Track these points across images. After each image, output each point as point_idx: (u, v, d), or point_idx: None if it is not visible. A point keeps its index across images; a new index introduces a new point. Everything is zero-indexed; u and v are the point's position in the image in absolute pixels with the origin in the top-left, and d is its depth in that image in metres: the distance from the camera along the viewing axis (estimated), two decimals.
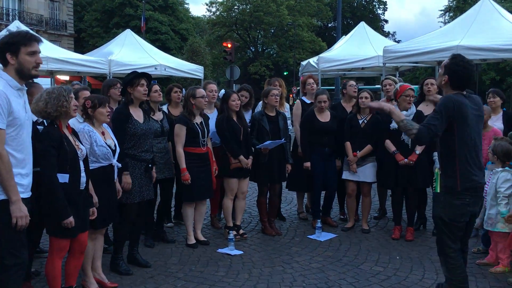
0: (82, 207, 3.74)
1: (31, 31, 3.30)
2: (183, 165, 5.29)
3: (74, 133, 3.84)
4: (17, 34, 3.15)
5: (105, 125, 4.36)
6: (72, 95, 3.65)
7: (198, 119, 5.44)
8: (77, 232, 3.68)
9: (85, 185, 3.77)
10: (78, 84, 7.41)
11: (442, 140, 3.67)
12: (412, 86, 5.89)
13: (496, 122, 5.79)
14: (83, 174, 3.73)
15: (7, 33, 3.20)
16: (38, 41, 3.19)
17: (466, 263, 3.99)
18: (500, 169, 4.81)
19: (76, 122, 3.95)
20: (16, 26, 11.21)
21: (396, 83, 6.48)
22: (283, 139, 5.89)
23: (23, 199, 3.13)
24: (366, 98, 6.01)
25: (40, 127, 4.10)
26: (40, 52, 3.21)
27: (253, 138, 5.86)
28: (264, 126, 5.89)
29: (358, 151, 6.02)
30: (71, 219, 3.52)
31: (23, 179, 3.15)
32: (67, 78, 19.74)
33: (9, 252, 3.09)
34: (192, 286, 4.45)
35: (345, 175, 6.18)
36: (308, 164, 6.12)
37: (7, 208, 3.04)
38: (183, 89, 6.21)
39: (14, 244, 3.10)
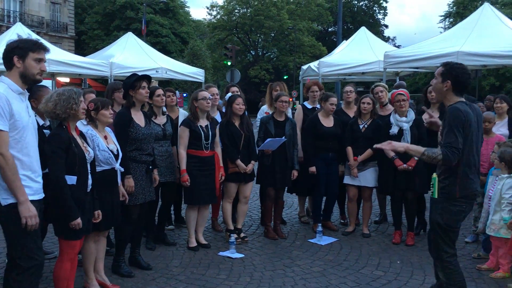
0: (88, 209, 3.76)
1: (40, 41, 3.36)
2: (183, 166, 5.31)
3: (82, 135, 3.86)
4: (28, 41, 3.23)
5: (108, 129, 4.38)
6: (82, 98, 3.68)
7: (203, 122, 5.45)
8: (83, 234, 3.69)
9: (91, 187, 3.78)
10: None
11: None
12: (401, 90, 5.90)
13: (501, 128, 5.82)
14: (89, 176, 3.75)
15: (17, 38, 3.29)
16: (46, 50, 3.27)
17: None
18: (506, 175, 4.81)
19: (80, 125, 3.97)
20: (19, 30, 11.23)
21: (386, 88, 6.50)
22: (283, 138, 5.87)
23: (35, 201, 3.16)
24: (368, 104, 6.03)
25: (46, 131, 4.13)
26: (45, 61, 3.29)
27: (259, 140, 5.88)
28: (269, 129, 5.91)
29: (358, 156, 6.04)
30: (79, 220, 3.53)
31: (32, 181, 3.18)
32: (67, 80, 19.76)
33: (25, 256, 3.13)
34: None
35: (346, 180, 6.18)
36: (313, 168, 6.12)
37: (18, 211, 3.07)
38: (177, 91, 6.25)
39: (30, 248, 3.14)
